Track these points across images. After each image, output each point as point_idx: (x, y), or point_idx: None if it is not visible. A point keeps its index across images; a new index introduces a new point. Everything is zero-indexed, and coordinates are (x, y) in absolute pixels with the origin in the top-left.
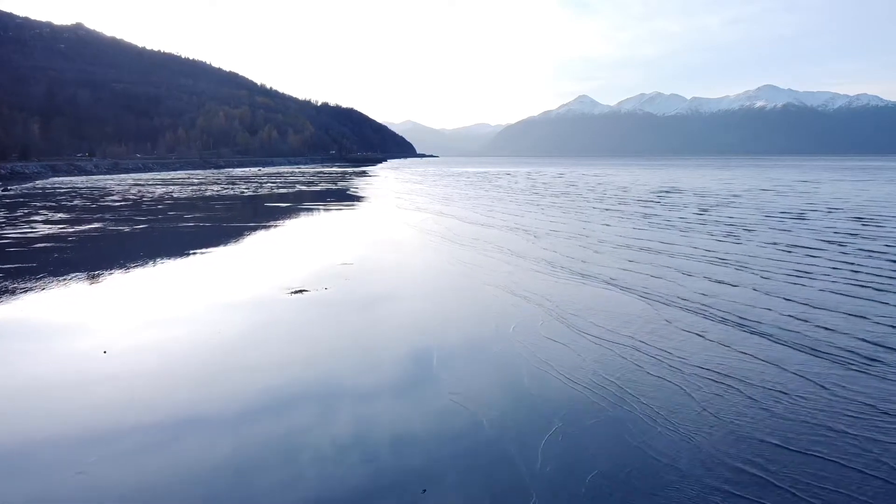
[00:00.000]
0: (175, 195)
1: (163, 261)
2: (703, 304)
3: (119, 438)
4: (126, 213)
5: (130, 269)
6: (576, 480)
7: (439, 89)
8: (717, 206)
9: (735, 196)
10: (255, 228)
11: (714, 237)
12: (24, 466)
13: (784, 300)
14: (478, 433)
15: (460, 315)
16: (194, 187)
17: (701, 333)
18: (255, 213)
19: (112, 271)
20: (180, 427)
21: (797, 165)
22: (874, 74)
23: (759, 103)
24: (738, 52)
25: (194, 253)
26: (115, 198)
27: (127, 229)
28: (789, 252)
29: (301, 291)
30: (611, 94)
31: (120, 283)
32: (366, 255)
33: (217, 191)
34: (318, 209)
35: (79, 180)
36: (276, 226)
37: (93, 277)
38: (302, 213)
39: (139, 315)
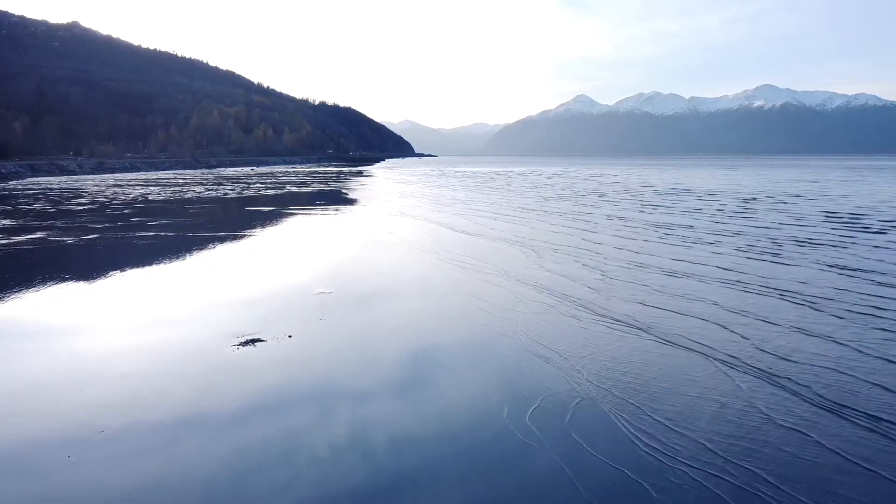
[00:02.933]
0: (151, 197)
1: (86, 287)
2: (796, 376)
3: None
4: (84, 219)
5: (30, 295)
6: None
7: (438, 89)
8: (742, 211)
9: (754, 199)
10: (224, 239)
11: (755, 255)
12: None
13: None
14: None
15: (462, 388)
16: (176, 188)
17: (825, 441)
18: (232, 219)
19: (12, 300)
20: None
21: (802, 165)
22: (873, 74)
23: (757, 103)
24: (737, 52)
25: (134, 275)
26: (82, 200)
27: (71, 241)
28: (867, 281)
29: (253, 342)
30: (609, 93)
31: (6, 322)
32: (347, 279)
33: (199, 192)
34: (303, 214)
35: (57, 181)
36: (249, 236)
37: None
38: (284, 220)
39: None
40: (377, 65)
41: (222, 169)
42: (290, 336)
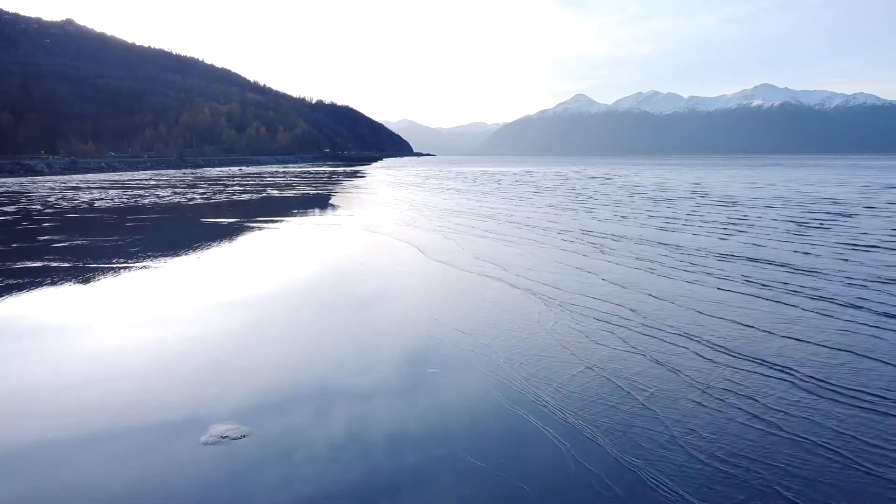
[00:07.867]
0: (98, 204)
1: None
2: None
3: None
4: None
5: None
6: None
7: (436, 88)
8: (811, 232)
9: (809, 212)
10: (129, 276)
11: (879, 318)
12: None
13: None
14: None
15: None
16: (140, 192)
17: None
18: (170, 238)
19: None
20: None
21: (808, 165)
22: (871, 73)
23: (756, 102)
24: (736, 51)
25: None
26: (9, 209)
27: None
28: None
29: None
30: (608, 92)
31: None
32: (276, 395)
33: (161, 197)
34: (266, 230)
35: (13, 182)
36: (168, 271)
37: None
38: (235, 240)
39: None
40: (376, 64)
41: (208, 169)
42: None
